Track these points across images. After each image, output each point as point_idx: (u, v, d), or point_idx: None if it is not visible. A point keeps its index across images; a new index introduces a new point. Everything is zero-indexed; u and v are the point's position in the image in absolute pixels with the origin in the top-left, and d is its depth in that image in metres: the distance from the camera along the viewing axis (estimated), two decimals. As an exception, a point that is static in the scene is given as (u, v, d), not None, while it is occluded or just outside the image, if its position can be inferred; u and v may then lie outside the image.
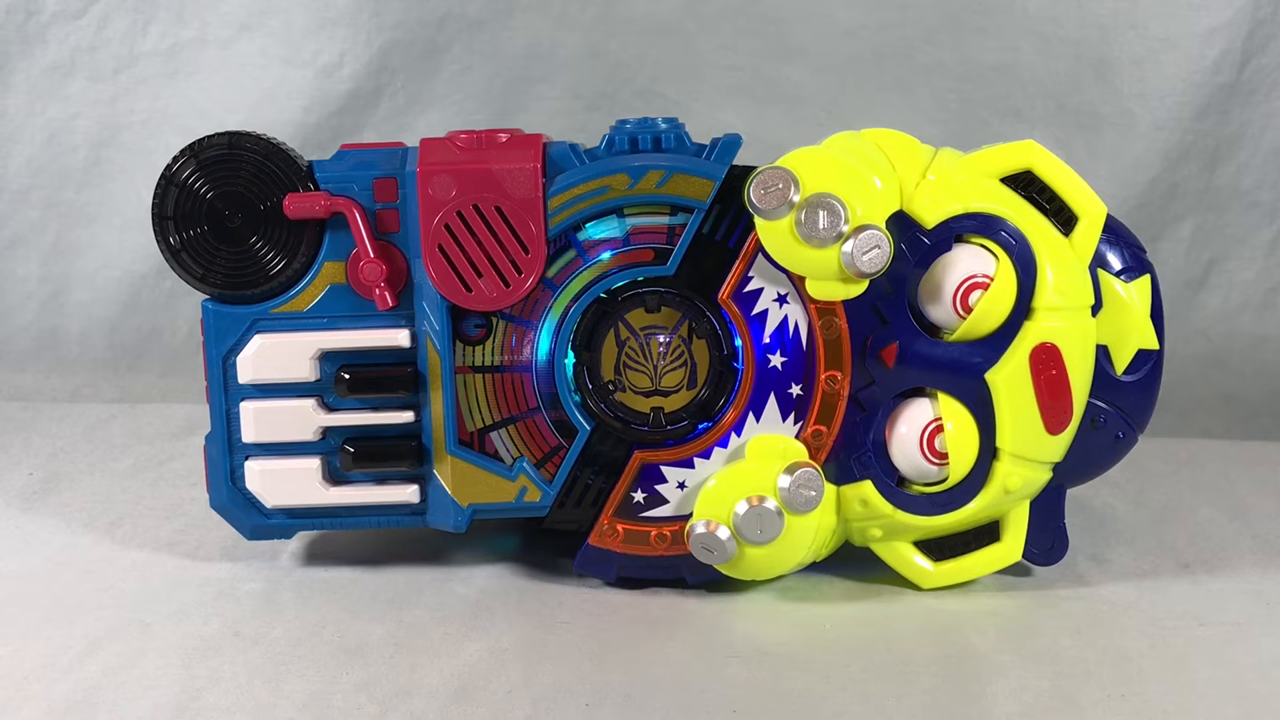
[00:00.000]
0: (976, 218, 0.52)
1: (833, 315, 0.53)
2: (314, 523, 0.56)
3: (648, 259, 0.53)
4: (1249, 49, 0.88)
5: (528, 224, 0.53)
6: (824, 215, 0.50)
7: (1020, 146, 0.54)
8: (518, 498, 0.55)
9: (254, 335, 0.54)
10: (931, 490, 0.54)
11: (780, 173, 0.51)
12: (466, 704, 0.45)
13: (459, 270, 0.53)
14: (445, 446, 0.54)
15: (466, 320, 0.54)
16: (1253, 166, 0.90)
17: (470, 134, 0.53)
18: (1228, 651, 0.49)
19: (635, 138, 0.53)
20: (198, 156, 0.53)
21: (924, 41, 0.89)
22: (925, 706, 0.45)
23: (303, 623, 0.52)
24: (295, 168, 0.54)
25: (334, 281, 0.54)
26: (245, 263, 0.54)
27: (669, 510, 0.54)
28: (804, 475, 0.52)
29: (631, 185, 0.52)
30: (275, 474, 0.55)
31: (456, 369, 0.54)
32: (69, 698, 0.46)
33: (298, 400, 0.54)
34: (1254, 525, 0.63)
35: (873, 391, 0.53)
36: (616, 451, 0.54)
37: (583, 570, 0.55)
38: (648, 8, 0.89)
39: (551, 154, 0.53)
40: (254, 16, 0.90)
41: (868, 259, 0.51)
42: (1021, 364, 0.52)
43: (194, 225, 0.54)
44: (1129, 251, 0.55)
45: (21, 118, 0.91)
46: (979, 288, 0.52)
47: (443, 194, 0.52)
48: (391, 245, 0.54)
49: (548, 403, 0.54)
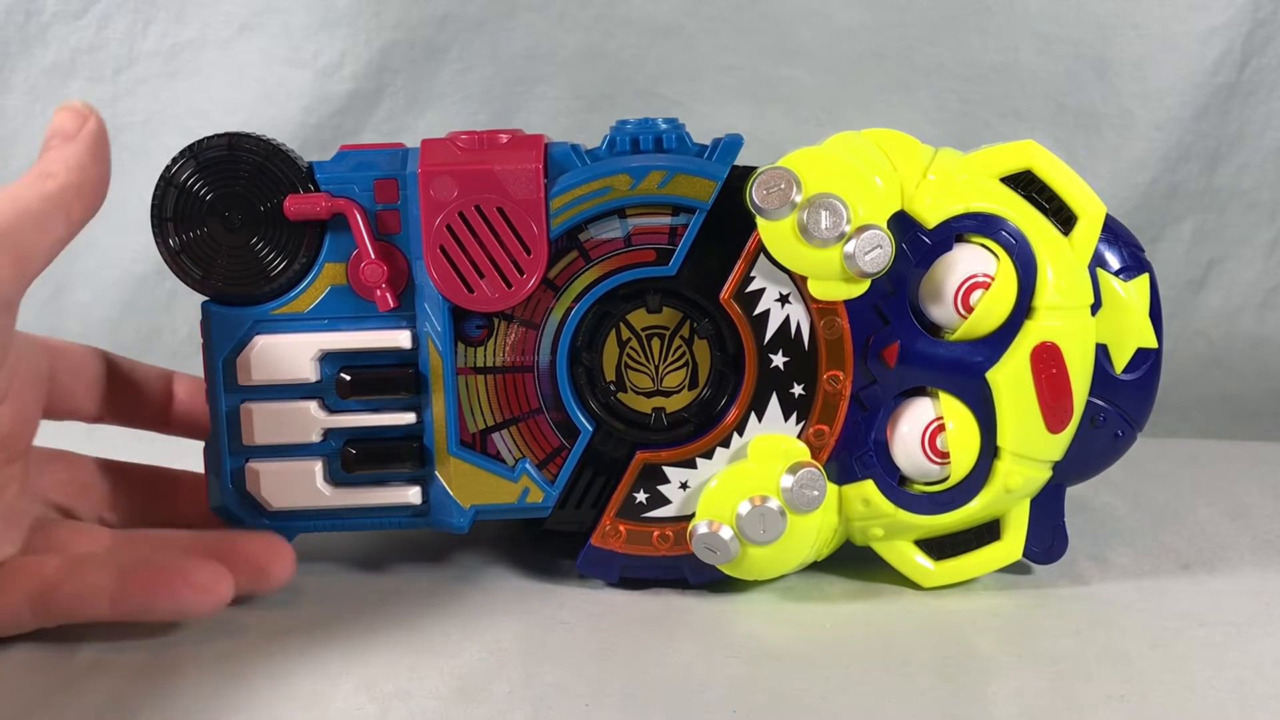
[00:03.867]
0: (977, 217, 0.52)
1: (834, 315, 0.53)
2: (315, 524, 0.55)
3: (649, 259, 0.53)
4: (1249, 49, 0.88)
5: (530, 225, 0.53)
6: (826, 215, 0.50)
7: (1020, 146, 0.54)
8: (520, 499, 0.55)
9: (255, 336, 0.54)
10: (933, 489, 0.54)
11: (782, 173, 0.51)
12: (466, 704, 0.45)
13: (461, 271, 0.53)
14: (447, 448, 0.54)
15: (468, 321, 0.54)
16: (1253, 166, 0.90)
17: (471, 135, 0.53)
18: (1228, 651, 0.49)
19: (636, 138, 0.53)
20: (197, 158, 0.53)
21: (924, 41, 0.90)
22: (925, 707, 0.45)
23: (302, 623, 0.52)
24: (295, 168, 0.53)
25: (335, 283, 0.54)
26: (246, 264, 0.54)
27: (671, 511, 0.54)
28: (806, 475, 0.52)
29: (633, 186, 0.52)
30: (277, 475, 0.55)
31: (458, 370, 0.54)
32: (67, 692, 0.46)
33: (299, 402, 0.54)
34: (1254, 525, 0.63)
35: (874, 391, 0.53)
36: (618, 452, 0.54)
37: (585, 571, 0.55)
38: (648, 8, 0.90)
39: (553, 155, 0.53)
40: (254, 16, 0.90)
41: (870, 259, 0.51)
42: (1022, 363, 0.52)
43: (194, 227, 0.53)
44: (1127, 251, 0.55)
45: (21, 118, 0.92)
46: (980, 287, 0.52)
47: (444, 195, 0.52)
48: (393, 246, 0.54)
49: (550, 404, 0.54)
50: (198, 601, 0.49)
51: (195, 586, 0.49)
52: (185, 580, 0.49)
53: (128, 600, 0.49)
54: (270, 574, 0.52)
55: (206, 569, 0.49)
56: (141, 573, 0.49)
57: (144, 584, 0.49)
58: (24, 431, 0.51)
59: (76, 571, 0.49)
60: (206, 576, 0.49)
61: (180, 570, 0.49)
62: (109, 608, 0.49)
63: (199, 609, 0.49)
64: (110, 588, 0.49)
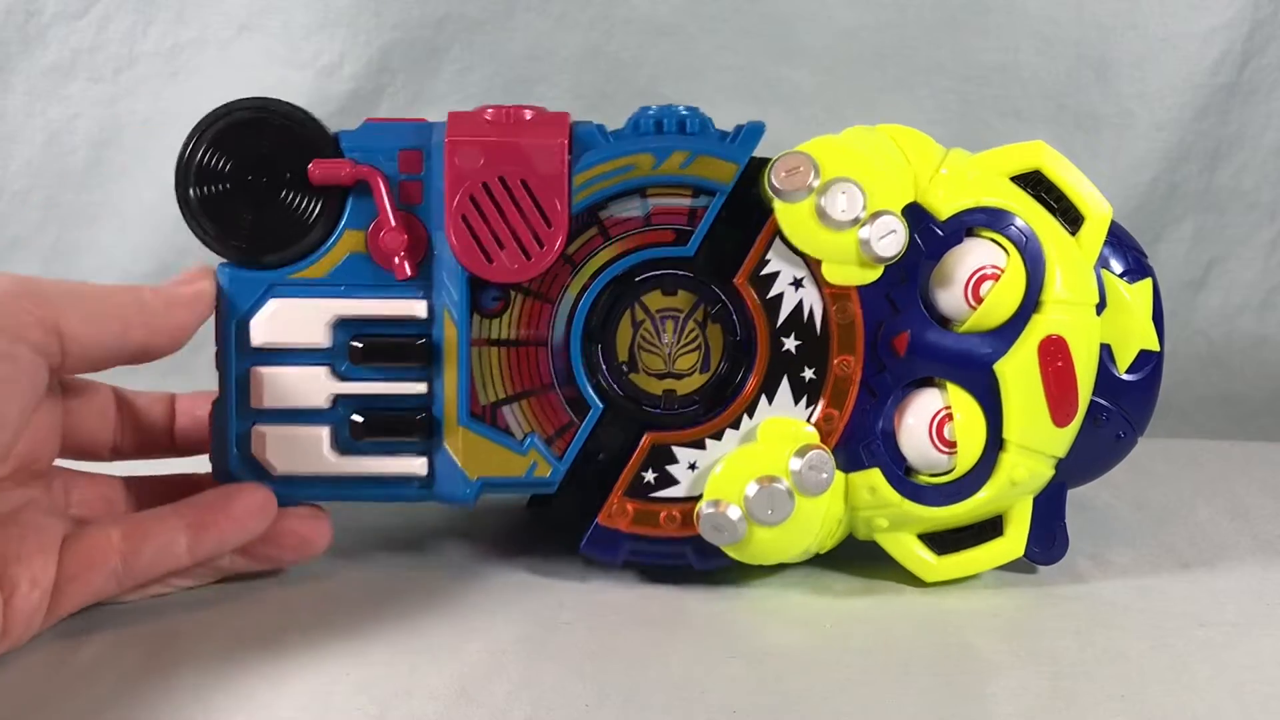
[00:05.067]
0: (988, 212, 0.53)
1: (847, 300, 0.53)
2: (320, 493, 0.55)
3: (668, 240, 0.53)
4: (1249, 49, 0.88)
5: (552, 199, 0.53)
6: (843, 198, 0.51)
7: (1030, 147, 0.55)
8: (527, 472, 0.54)
9: (269, 300, 0.54)
10: (938, 480, 0.54)
11: (802, 157, 0.51)
12: (466, 704, 0.45)
13: (481, 241, 0.53)
14: (457, 418, 0.54)
15: (485, 293, 0.54)
16: (1253, 167, 0.90)
17: (499, 109, 0.53)
18: (1228, 651, 0.49)
19: (660, 120, 0.53)
20: (228, 117, 0.54)
21: (924, 42, 0.90)
22: (925, 706, 0.45)
23: (302, 623, 0.52)
24: (323, 134, 0.54)
25: (354, 250, 0.54)
26: (266, 226, 0.53)
27: (680, 491, 0.54)
28: (815, 457, 0.52)
29: (656, 165, 0.53)
30: (284, 439, 0.54)
31: (473, 341, 0.54)
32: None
33: (310, 367, 0.54)
34: (1254, 525, 0.63)
35: (884, 378, 0.53)
36: (628, 431, 0.54)
37: (590, 553, 0.55)
38: (648, 8, 0.90)
39: (578, 132, 0.53)
40: (254, 16, 0.90)
41: (884, 243, 0.51)
42: (1030, 355, 0.52)
43: (217, 185, 0.54)
44: (1131, 255, 0.55)
45: (21, 118, 0.92)
46: (990, 279, 0.52)
47: (470, 165, 0.52)
48: (413, 216, 0.54)
49: (562, 379, 0.54)
50: (256, 517, 0.53)
51: (251, 506, 0.53)
52: (241, 504, 0.53)
53: (201, 540, 0.52)
54: (314, 543, 0.55)
55: (252, 491, 0.53)
56: (202, 511, 0.52)
57: (207, 519, 0.52)
58: (44, 450, 0.52)
59: (142, 531, 0.51)
60: (257, 497, 0.53)
61: (232, 495, 0.53)
62: (187, 553, 0.51)
63: (261, 525, 0.53)
64: (181, 531, 0.51)
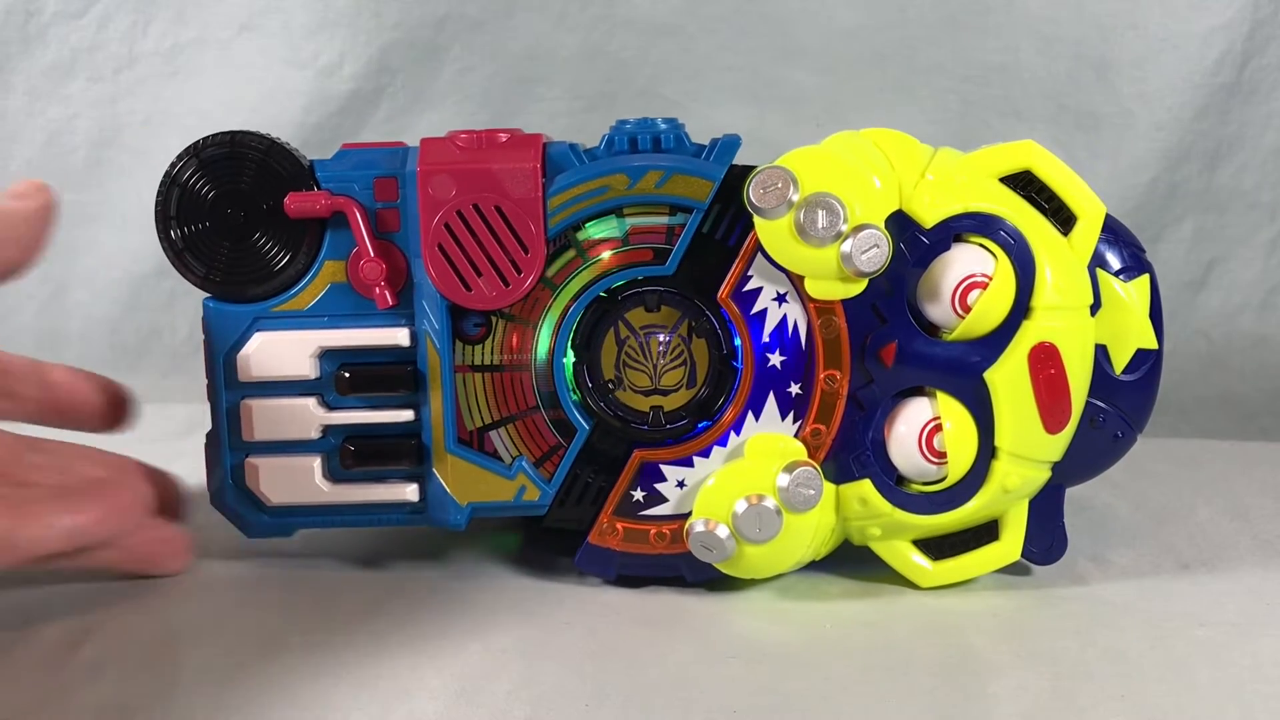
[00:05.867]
0: (975, 217, 0.52)
1: (832, 314, 0.53)
2: (314, 520, 0.56)
3: (647, 259, 0.53)
4: (1249, 49, 0.88)
5: (527, 223, 0.53)
6: (823, 214, 0.50)
7: (1019, 146, 0.54)
8: (516, 496, 0.55)
9: (255, 333, 0.54)
10: (930, 489, 0.54)
11: (779, 172, 0.51)
12: (466, 704, 0.45)
13: (459, 269, 0.53)
14: (445, 445, 0.54)
15: (466, 319, 0.54)
16: (1253, 166, 0.90)
17: (470, 134, 0.53)
18: (1228, 651, 0.49)
19: (635, 138, 0.53)
20: (199, 156, 0.54)
21: (924, 42, 0.90)
22: (925, 706, 0.45)
23: (302, 624, 0.52)
24: (297, 166, 0.54)
25: (335, 280, 0.54)
26: (247, 262, 0.54)
27: (668, 509, 0.54)
28: (803, 474, 0.52)
29: (631, 185, 0.52)
30: (276, 471, 0.55)
31: (456, 368, 0.54)
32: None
33: (298, 399, 0.54)
34: (1254, 525, 0.63)
35: (871, 390, 0.53)
36: (616, 450, 0.54)
37: (583, 568, 0.55)
38: (648, 8, 0.90)
39: (551, 154, 0.53)
40: (254, 16, 0.90)
41: (866, 258, 0.51)
42: (1020, 363, 0.52)
43: (196, 225, 0.54)
44: (1128, 251, 0.55)
45: (21, 118, 0.92)
46: (978, 287, 0.52)
47: (443, 193, 0.52)
48: (392, 244, 0.54)
49: (547, 402, 0.54)
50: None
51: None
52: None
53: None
54: (167, 568, 0.56)
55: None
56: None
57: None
58: None
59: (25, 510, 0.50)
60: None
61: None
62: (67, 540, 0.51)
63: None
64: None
